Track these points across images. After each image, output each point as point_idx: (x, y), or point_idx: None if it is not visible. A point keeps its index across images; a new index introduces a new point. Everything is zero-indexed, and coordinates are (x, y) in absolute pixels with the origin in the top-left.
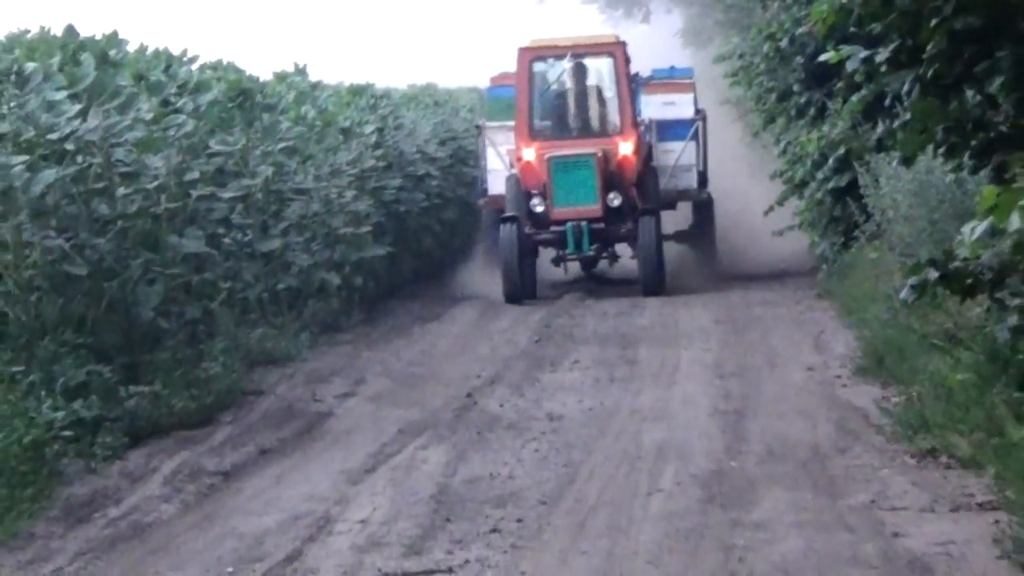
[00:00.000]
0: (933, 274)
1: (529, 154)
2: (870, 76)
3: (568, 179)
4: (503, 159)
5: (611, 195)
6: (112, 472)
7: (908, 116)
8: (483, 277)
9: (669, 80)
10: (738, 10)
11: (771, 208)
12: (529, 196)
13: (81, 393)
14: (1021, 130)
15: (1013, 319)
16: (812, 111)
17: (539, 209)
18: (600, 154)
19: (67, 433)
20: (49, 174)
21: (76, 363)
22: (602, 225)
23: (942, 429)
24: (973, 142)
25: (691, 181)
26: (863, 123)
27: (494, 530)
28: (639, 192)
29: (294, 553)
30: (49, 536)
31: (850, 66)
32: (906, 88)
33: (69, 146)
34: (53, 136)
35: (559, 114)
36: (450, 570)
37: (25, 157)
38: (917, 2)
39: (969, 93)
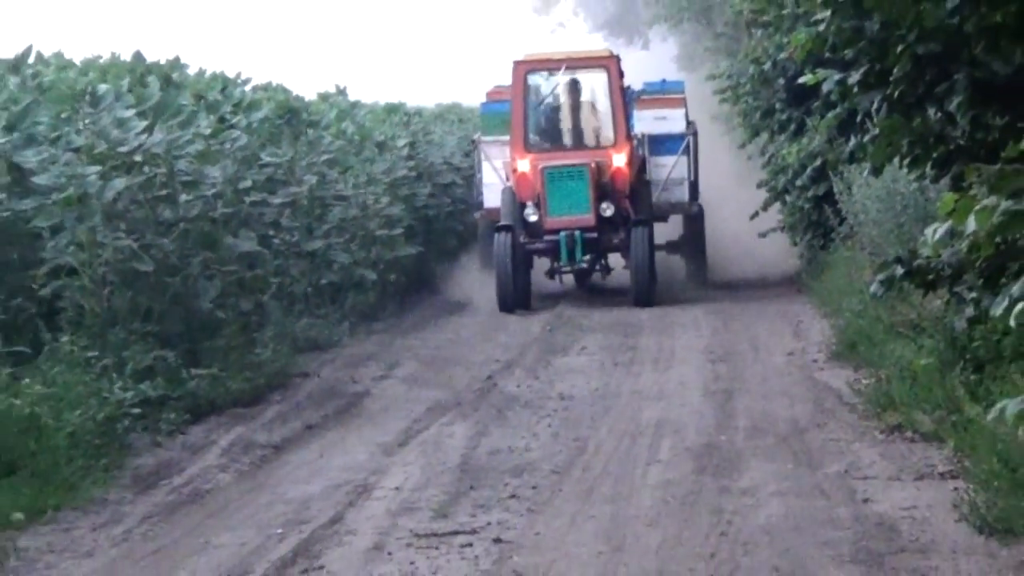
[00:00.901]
0: (899, 271)
1: (524, 165)
2: (843, 96)
3: (562, 189)
4: (498, 173)
5: (604, 205)
6: (175, 445)
7: (877, 131)
8: (477, 287)
9: (661, 95)
10: (727, 38)
11: (756, 213)
12: (524, 207)
13: (148, 375)
14: (977, 144)
15: (969, 310)
16: (792, 127)
17: (533, 218)
18: (594, 165)
19: (136, 411)
20: (119, 182)
21: (143, 349)
22: (595, 235)
23: (907, 407)
24: (934, 154)
25: (683, 194)
26: (837, 137)
27: (512, 496)
28: (632, 204)
29: (336, 516)
30: (120, 502)
31: (826, 87)
32: (875, 106)
33: (137, 158)
34: (123, 149)
35: (553, 126)
36: (473, 531)
37: (98, 167)
38: (884, 30)
39: (930, 111)
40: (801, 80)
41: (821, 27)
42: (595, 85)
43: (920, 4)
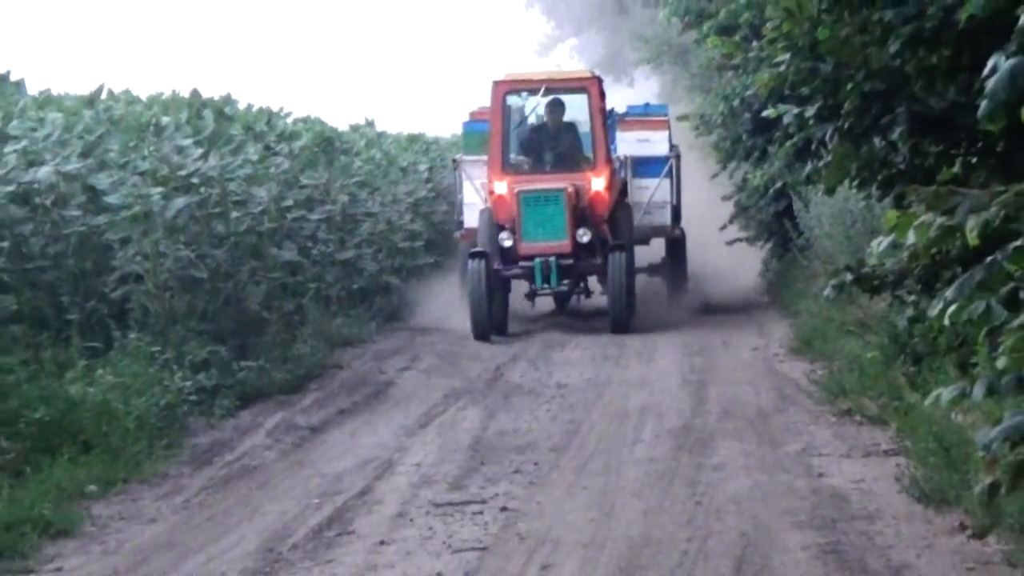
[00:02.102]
0: (849, 277)
1: (501, 188)
2: (800, 127)
3: (537, 214)
4: (479, 193)
5: (580, 231)
6: (227, 427)
7: (830, 157)
8: (460, 308)
9: (644, 117)
10: (701, 77)
11: (724, 225)
12: (501, 230)
13: (203, 367)
14: (915, 168)
15: (909, 311)
16: (756, 153)
17: (507, 243)
18: (571, 189)
19: (193, 397)
20: (179, 201)
21: (200, 344)
22: (571, 261)
23: (856, 394)
24: (879, 177)
25: (665, 217)
26: (795, 162)
27: (516, 471)
28: (611, 228)
29: (365, 488)
30: (179, 476)
31: (786, 120)
32: (828, 136)
33: (194, 180)
34: (182, 173)
35: (532, 148)
36: (483, 501)
37: (161, 189)
38: (836, 71)
39: (876, 140)
40: (764, 113)
41: (782, 68)
42: (575, 106)
43: (867, 48)
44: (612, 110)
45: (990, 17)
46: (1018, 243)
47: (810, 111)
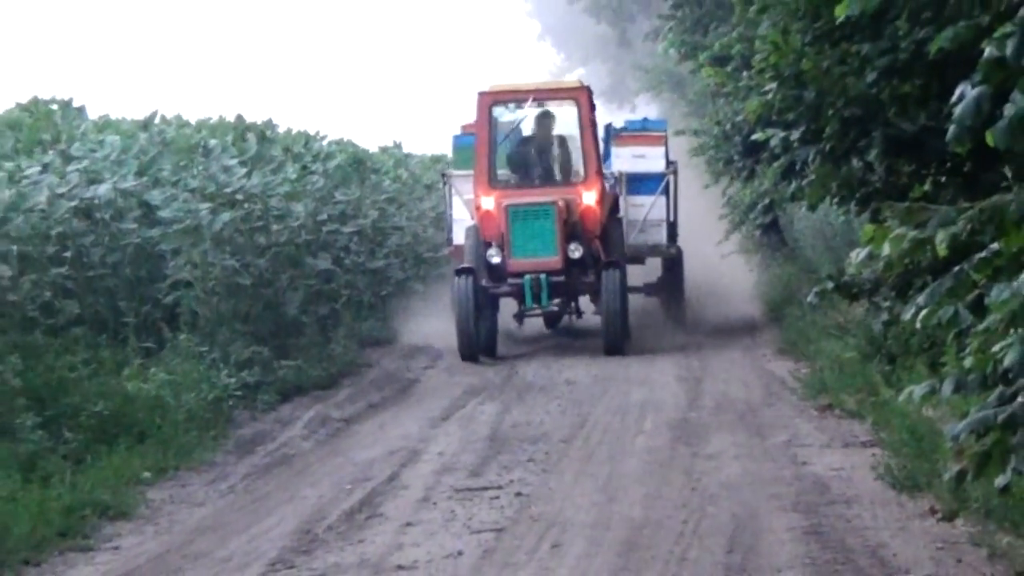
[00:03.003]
0: (830, 285)
1: (488, 203)
2: (786, 149)
3: (527, 229)
4: (468, 208)
5: (572, 246)
6: (268, 419)
7: (812, 177)
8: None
9: (642, 132)
10: (697, 103)
11: (720, 241)
12: (488, 246)
13: (247, 365)
14: (890, 186)
15: (884, 316)
16: (746, 173)
17: (496, 260)
18: (561, 203)
19: (237, 393)
20: (225, 216)
21: (243, 345)
22: (562, 278)
23: (836, 391)
24: (857, 195)
25: (661, 236)
26: (781, 181)
27: (530, 460)
28: (603, 244)
29: (393, 475)
30: (225, 463)
31: (772, 142)
32: (811, 157)
33: (239, 197)
34: (228, 190)
35: (520, 162)
36: (500, 487)
37: (208, 204)
38: (818, 98)
39: (854, 161)
40: (753, 137)
41: (769, 96)
42: (565, 118)
43: (846, 78)
44: (609, 125)
45: (957, 50)
46: (983, 254)
47: (795, 135)
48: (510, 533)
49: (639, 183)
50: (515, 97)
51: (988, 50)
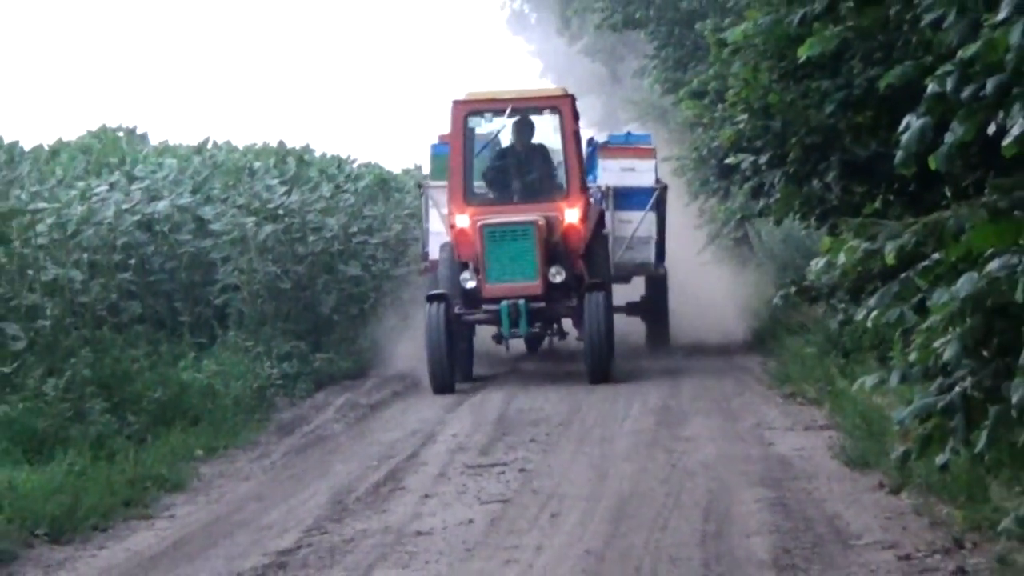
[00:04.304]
0: (793, 289)
1: (463, 221)
2: (755, 171)
3: (504, 251)
4: (446, 222)
5: (553, 269)
6: (305, 405)
7: (778, 196)
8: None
9: (628, 145)
10: (678, 132)
11: (699, 251)
12: (463, 268)
13: (287, 358)
14: (845, 204)
15: (840, 316)
16: (721, 192)
17: (470, 285)
18: (541, 222)
19: (278, 382)
20: (268, 228)
21: (284, 340)
22: (542, 304)
23: (798, 381)
24: (817, 211)
25: (649, 254)
26: (751, 199)
27: (532, 440)
28: (587, 264)
29: (413, 453)
30: (268, 443)
31: (743, 166)
32: (777, 179)
33: (280, 212)
34: (270, 206)
35: (497, 176)
36: (506, 464)
37: (253, 218)
38: (783, 128)
39: (814, 182)
40: (727, 160)
41: (740, 125)
42: (545, 129)
43: (807, 110)
44: (592, 138)
45: (904, 86)
46: (926, 263)
47: (763, 159)
48: (515, 504)
49: (627, 197)
50: (492, 106)
51: (931, 87)
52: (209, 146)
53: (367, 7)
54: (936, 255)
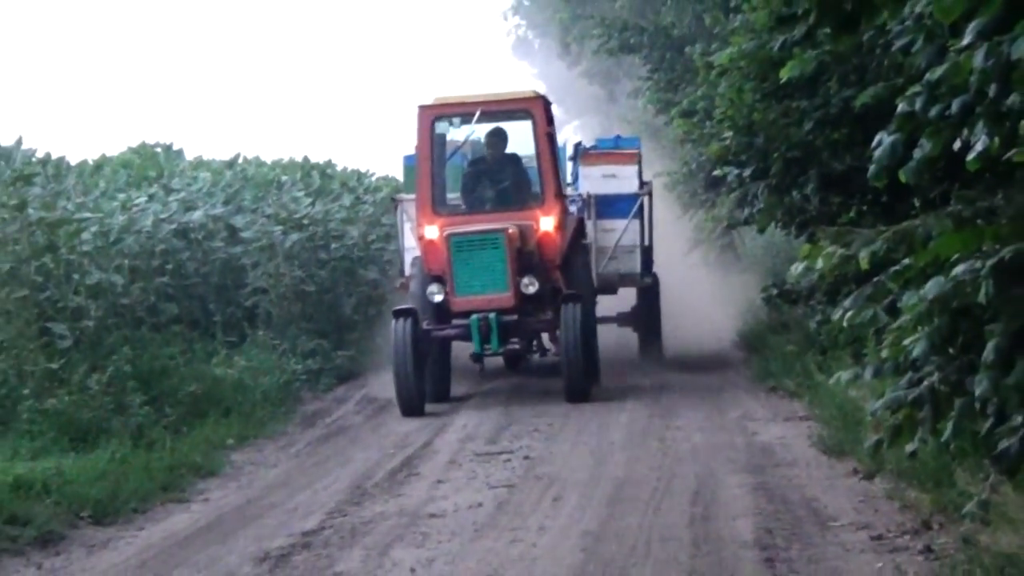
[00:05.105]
0: (775, 292)
1: (432, 232)
2: (740, 184)
3: (472, 261)
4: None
5: (525, 280)
6: (328, 398)
7: (761, 206)
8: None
9: (611, 151)
10: (670, 148)
11: (687, 253)
12: (434, 281)
13: (311, 355)
14: (823, 214)
15: (818, 317)
16: (708, 203)
17: (438, 298)
18: (512, 230)
19: (303, 377)
20: (294, 236)
21: (308, 339)
22: (514, 317)
23: (779, 376)
24: (797, 220)
25: (634, 264)
26: (736, 209)
27: (535, 430)
28: (565, 275)
29: (426, 442)
30: (293, 433)
31: (729, 178)
32: (760, 190)
33: (305, 221)
34: (296, 216)
35: (467, 184)
36: (511, 452)
37: (281, 227)
38: (766, 143)
39: (795, 193)
40: (714, 173)
41: (726, 141)
42: (518, 133)
43: (788, 127)
44: (579, 144)
45: (877, 105)
46: (897, 268)
47: (747, 172)
48: (520, 489)
49: (610, 205)
50: (460, 110)
51: (901, 106)
52: (240, 161)
53: (386, 38)
54: (906, 260)
